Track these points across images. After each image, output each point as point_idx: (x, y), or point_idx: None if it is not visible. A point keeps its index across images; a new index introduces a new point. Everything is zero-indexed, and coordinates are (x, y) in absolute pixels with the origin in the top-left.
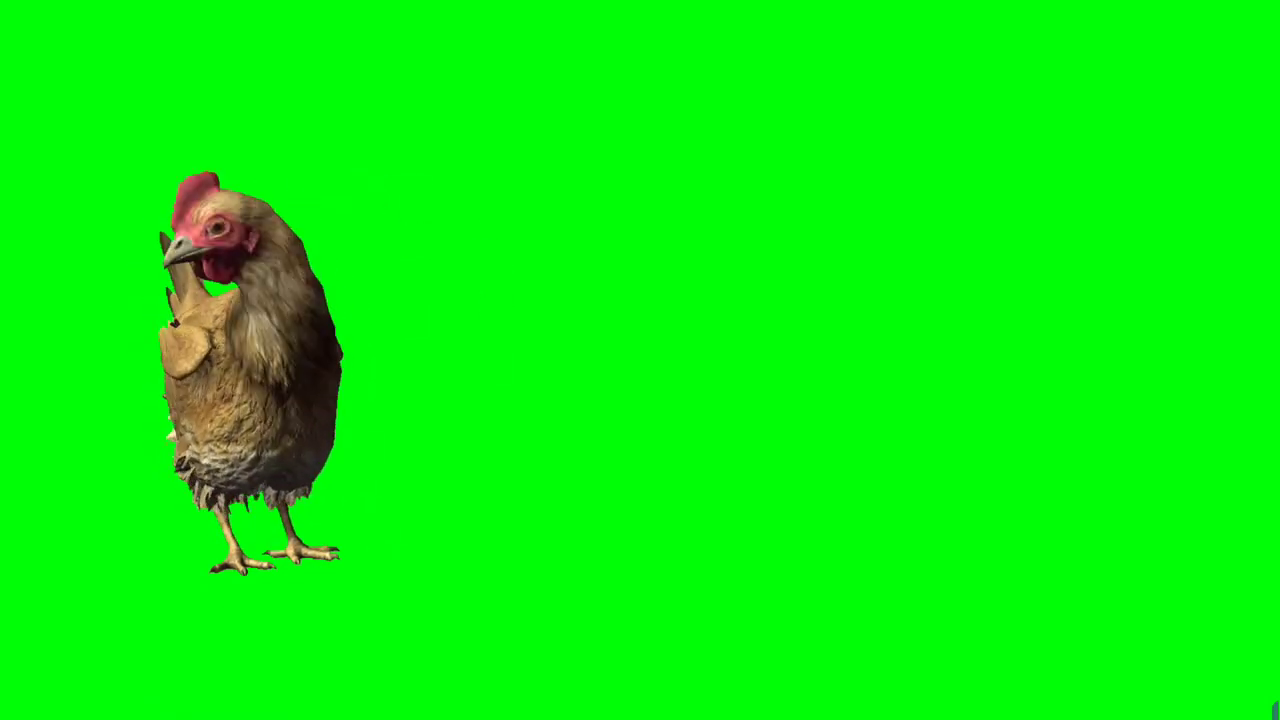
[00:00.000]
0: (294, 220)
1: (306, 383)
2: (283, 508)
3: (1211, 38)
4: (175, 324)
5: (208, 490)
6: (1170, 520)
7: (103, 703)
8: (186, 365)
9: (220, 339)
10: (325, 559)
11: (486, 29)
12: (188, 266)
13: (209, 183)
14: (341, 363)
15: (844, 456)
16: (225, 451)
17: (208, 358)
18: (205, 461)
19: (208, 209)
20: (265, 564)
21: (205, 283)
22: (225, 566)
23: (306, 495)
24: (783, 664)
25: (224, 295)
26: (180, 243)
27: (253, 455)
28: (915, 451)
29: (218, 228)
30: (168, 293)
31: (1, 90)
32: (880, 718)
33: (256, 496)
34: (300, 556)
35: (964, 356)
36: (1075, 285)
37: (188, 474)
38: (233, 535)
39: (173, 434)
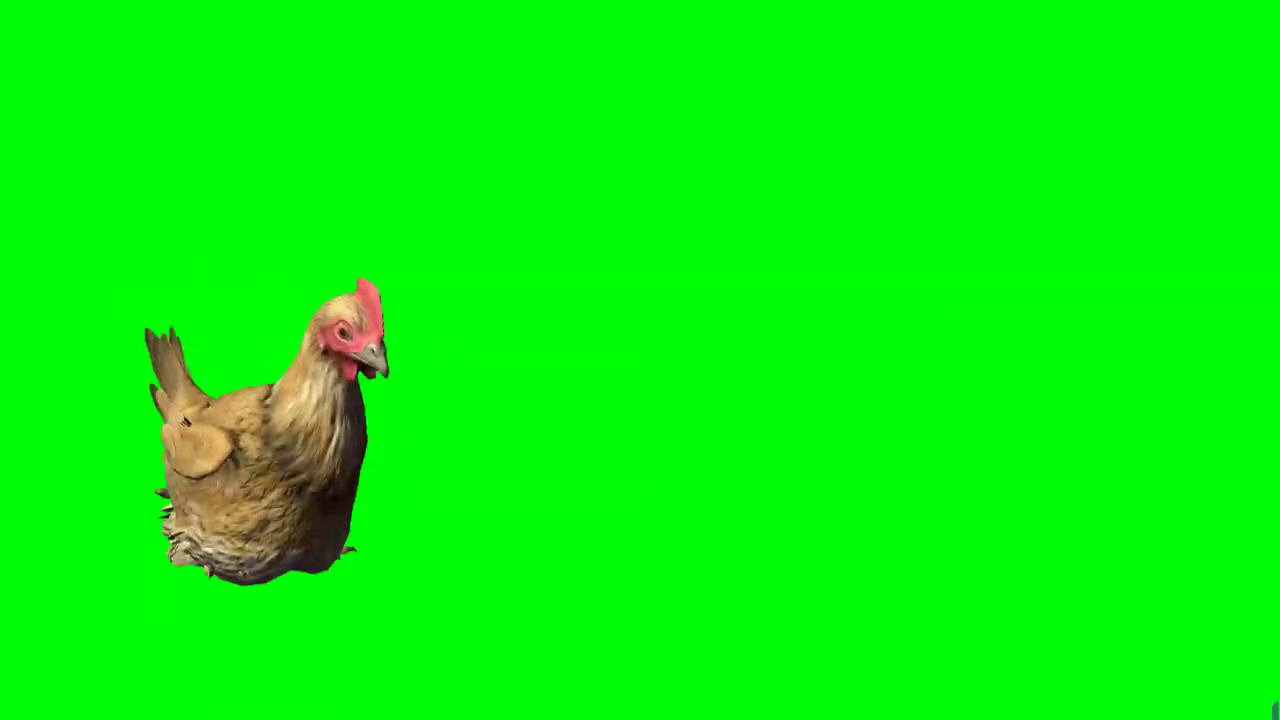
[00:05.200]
0: (293, 221)
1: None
2: None
3: (1212, 38)
4: (187, 422)
5: (201, 564)
6: (1170, 521)
7: (106, 704)
8: (206, 466)
9: (248, 441)
10: None
11: (486, 29)
12: (176, 364)
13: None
14: None
15: (845, 457)
16: (240, 549)
17: (230, 457)
18: (208, 550)
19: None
20: None
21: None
22: None
23: None
24: (789, 665)
25: (242, 394)
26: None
27: (274, 555)
28: (914, 451)
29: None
30: (153, 390)
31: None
32: (880, 718)
33: None
34: None
35: (962, 357)
36: (1074, 285)
37: (178, 544)
38: None
39: (171, 509)
